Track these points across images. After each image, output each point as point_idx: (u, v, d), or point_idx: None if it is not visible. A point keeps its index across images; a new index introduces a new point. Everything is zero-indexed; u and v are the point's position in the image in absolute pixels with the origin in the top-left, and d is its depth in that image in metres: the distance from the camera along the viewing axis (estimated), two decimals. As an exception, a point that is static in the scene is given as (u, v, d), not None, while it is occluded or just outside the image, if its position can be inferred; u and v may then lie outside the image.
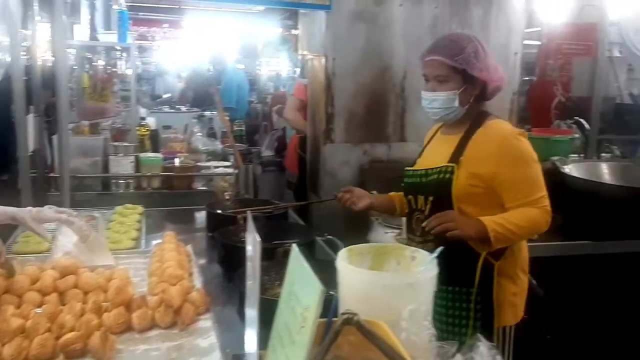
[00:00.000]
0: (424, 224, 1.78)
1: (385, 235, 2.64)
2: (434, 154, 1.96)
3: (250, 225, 1.35)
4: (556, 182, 2.58)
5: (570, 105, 4.42)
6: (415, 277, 1.26)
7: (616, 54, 4.02)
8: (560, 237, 2.49)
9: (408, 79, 3.04)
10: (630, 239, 2.51)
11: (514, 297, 1.87)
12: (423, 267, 1.29)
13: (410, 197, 1.99)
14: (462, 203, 1.83)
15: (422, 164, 1.98)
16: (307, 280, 1.03)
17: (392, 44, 3.01)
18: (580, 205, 2.58)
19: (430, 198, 1.88)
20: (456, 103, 1.84)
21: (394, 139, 3.09)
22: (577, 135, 3.20)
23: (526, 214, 1.76)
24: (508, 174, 1.78)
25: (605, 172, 2.88)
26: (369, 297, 1.25)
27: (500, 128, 1.85)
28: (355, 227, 2.82)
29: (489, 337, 1.61)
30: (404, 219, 2.42)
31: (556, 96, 4.49)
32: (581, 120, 3.27)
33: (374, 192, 2.21)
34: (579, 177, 2.73)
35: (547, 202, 1.79)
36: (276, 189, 4.07)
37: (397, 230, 2.60)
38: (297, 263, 1.11)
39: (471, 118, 1.88)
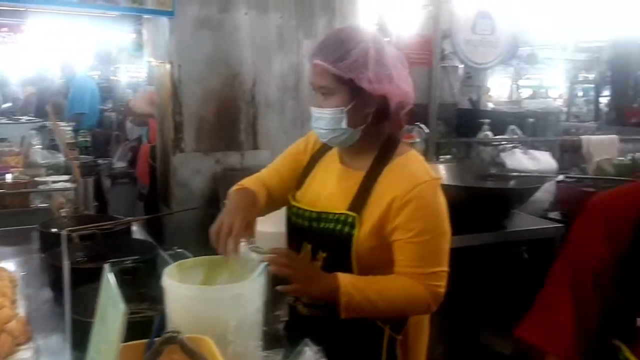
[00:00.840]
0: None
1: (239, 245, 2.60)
2: (330, 191, 1.48)
3: (64, 245, 1.26)
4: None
5: (417, 111, 4.73)
6: (241, 288, 1.24)
7: (457, 63, 4.36)
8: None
9: (258, 86, 3.05)
10: (463, 234, 2.69)
11: None
12: (250, 278, 1.28)
13: (292, 240, 1.54)
14: (365, 268, 1.40)
15: (312, 199, 1.51)
16: (114, 301, 0.97)
17: (241, 52, 3.00)
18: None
19: (323, 254, 1.43)
20: (343, 124, 1.38)
21: (246, 147, 3.08)
22: (418, 140, 3.41)
23: (405, 289, 1.37)
24: (406, 234, 1.36)
25: (442, 173, 3.09)
26: (196, 313, 1.21)
27: (414, 170, 1.41)
28: (209, 239, 2.76)
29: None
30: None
31: (407, 102, 4.77)
32: (421, 125, 3.50)
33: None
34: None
35: (441, 282, 1.37)
36: (129, 202, 3.89)
37: (252, 238, 2.58)
38: (107, 284, 1.05)
39: (379, 145, 1.45)
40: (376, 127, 1.43)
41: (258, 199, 1.50)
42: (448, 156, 3.58)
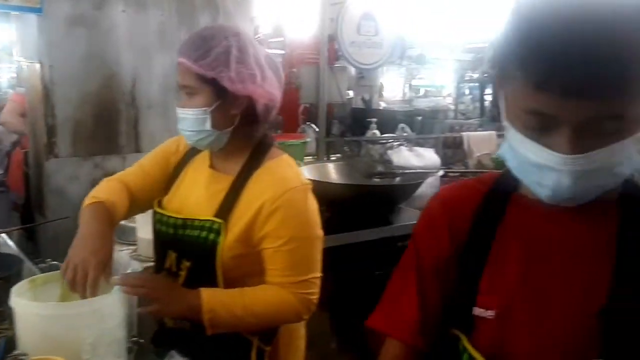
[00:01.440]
0: (113, 279, 1.24)
1: (119, 254, 2.49)
2: (198, 196, 1.42)
3: None
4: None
5: (313, 111, 4.77)
6: (97, 303, 1.17)
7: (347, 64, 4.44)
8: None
9: (138, 86, 2.92)
10: (351, 231, 2.74)
11: None
12: (107, 293, 1.21)
13: (157, 248, 1.49)
14: (232, 277, 1.36)
15: (179, 205, 1.45)
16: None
17: (119, 51, 2.86)
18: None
19: (187, 263, 1.38)
20: (207, 125, 1.33)
21: (128, 150, 2.94)
22: (309, 139, 3.43)
23: (274, 299, 1.34)
24: (276, 242, 1.33)
25: (332, 172, 3.14)
26: (48, 332, 1.14)
27: (283, 175, 1.37)
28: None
29: None
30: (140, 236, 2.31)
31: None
32: (312, 124, 3.53)
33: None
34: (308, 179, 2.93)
35: (312, 289, 1.37)
36: (3, 213, 3.60)
37: (133, 247, 2.48)
38: None
39: (249, 148, 1.41)
40: (245, 130, 1.40)
41: (115, 213, 1.42)
42: (338, 155, 3.65)
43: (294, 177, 1.39)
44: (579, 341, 0.81)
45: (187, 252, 1.38)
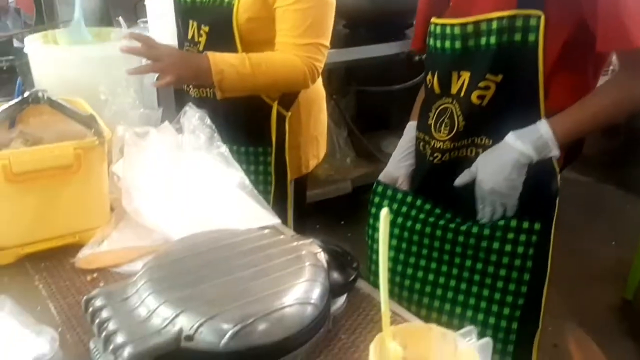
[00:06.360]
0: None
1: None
2: None
3: None
4: None
5: None
6: (112, 48, 1.18)
7: None
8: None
9: None
10: (370, 45, 2.63)
11: (306, 146, 1.57)
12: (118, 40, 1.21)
13: (180, 21, 1.51)
14: (248, 41, 1.38)
15: None
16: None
17: None
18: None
19: (206, 28, 1.39)
20: None
21: None
22: None
23: (278, 59, 1.35)
24: (287, 0, 1.33)
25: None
26: (65, 76, 1.16)
27: None
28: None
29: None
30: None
31: None
32: None
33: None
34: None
35: (318, 55, 1.37)
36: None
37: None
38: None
39: None
40: None
41: None
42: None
43: None
44: None
45: (205, 18, 1.39)
